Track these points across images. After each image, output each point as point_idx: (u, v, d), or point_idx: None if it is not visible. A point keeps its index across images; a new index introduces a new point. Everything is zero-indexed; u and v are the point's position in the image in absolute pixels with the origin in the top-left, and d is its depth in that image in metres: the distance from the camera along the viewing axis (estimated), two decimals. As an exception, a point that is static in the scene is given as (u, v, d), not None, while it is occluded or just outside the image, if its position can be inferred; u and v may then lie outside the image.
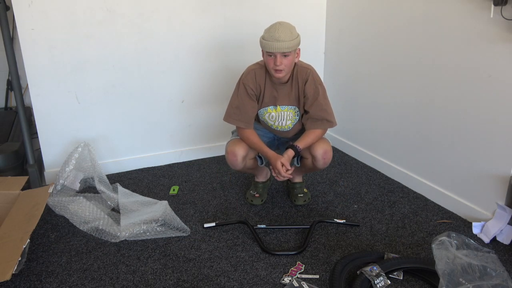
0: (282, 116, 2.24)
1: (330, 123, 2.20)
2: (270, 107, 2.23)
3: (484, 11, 1.98)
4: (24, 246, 1.69)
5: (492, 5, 1.91)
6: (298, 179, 2.49)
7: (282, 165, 2.09)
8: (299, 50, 2.14)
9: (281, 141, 2.43)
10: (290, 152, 2.14)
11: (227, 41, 2.89)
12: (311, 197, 2.48)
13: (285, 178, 2.14)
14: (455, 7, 2.13)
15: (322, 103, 2.16)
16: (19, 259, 1.64)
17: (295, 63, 2.15)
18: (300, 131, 2.33)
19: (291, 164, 2.21)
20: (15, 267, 1.59)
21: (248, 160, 2.24)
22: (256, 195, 2.43)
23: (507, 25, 1.89)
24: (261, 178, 2.49)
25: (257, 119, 2.33)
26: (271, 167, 2.15)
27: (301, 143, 2.15)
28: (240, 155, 2.18)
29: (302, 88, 2.16)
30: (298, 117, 2.26)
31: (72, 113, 2.64)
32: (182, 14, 2.73)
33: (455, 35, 2.15)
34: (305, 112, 2.22)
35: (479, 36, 2.03)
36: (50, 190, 2.11)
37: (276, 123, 2.27)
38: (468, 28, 2.08)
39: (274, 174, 2.15)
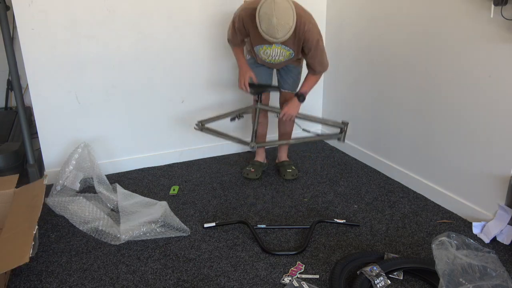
0: (275, 53, 2.41)
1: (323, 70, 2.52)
2: (265, 45, 2.39)
3: (484, 11, 1.98)
4: (34, 232, 1.72)
5: (492, 5, 1.91)
6: (284, 158, 2.84)
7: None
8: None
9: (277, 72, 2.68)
10: (295, 105, 2.48)
11: (227, 41, 2.89)
12: (298, 173, 2.76)
13: (244, 90, 2.45)
14: (455, 7, 2.13)
15: (318, 55, 2.40)
16: (33, 243, 1.67)
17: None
18: (290, 61, 2.54)
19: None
20: (31, 250, 1.62)
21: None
22: (252, 170, 2.71)
23: (507, 25, 1.89)
24: (259, 158, 2.81)
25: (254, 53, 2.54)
26: (241, 79, 2.46)
27: (303, 88, 2.50)
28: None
29: (303, 41, 2.32)
30: (291, 57, 2.45)
31: (72, 113, 2.64)
32: (182, 14, 2.73)
33: (455, 35, 2.15)
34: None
35: (479, 36, 2.03)
36: (46, 182, 2.11)
37: (270, 58, 2.46)
38: (468, 28, 2.08)
39: (239, 83, 2.47)
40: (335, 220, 2.20)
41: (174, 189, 2.59)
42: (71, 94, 2.61)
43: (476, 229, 2.12)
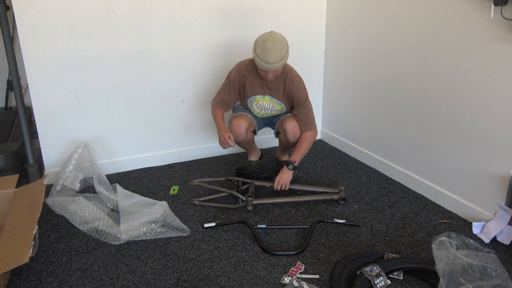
0: (268, 106, 2.51)
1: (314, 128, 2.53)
2: (259, 96, 2.48)
3: (484, 11, 1.98)
4: (34, 232, 1.72)
5: (492, 5, 1.91)
6: (285, 158, 2.80)
7: (228, 137, 2.40)
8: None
9: (267, 123, 2.72)
10: (287, 173, 2.45)
11: (227, 41, 2.89)
12: (298, 173, 2.76)
13: (227, 147, 2.42)
14: (455, 7, 2.13)
15: (308, 111, 2.47)
16: (33, 243, 1.67)
17: (286, 69, 2.42)
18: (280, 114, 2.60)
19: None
20: (31, 250, 1.62)
21: (248, 133, 2.55)
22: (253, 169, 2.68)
23: (507, 25, 1.89)
24: (254, 157, 2.80)
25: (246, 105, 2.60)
26: (221, 138, 2.44)
27: (294, 157, 2.46)
28: (243, 127, 2.49)
29: (292, 95, 2.43)
30: (283, 112, 2.56)
31: (72, 113, 2.64)
32: (182, 14, 2.73)
33: (455, 35, 2.15)
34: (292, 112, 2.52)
35: (479, 36, 2.03)
36: (46, 182, 2.11)
37: (262, 112, 2.55)
38: (468, 28, 2.08)
39: (220, 142, 2.45)
40: (335, 220, 2.20)
41: (174, 189, 2.59)
42: (71, 94, 2.61)
43: (476, 229, 2.12)
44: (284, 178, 2.44)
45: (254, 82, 2.44)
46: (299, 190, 2.50)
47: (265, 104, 2.50)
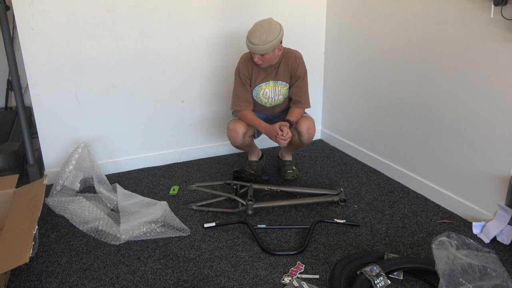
0: (275, 92, 2.51)
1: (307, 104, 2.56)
2: (264, 83, 2.49)
3: (484, 11, 1.98)
4: (34, 232, 1.72)
5: (492, 5, 1.91)
6: (288, 157, 2.78)
7: (280, 129, 2.36)
8: (281, 45, 2.37)
9: (272, 123, 2.57)
10: (285, 122, 2.42)
11: (227, 41, 2.89)
12: (299, 173, 2.76)
13: (287, 140, 2.37)
14: (455, 7, 2.13)
15: (305, 86, 2.52)
16: (33, 243, 1.67)
17: (283, 49, 2.44)
18: (287, 108, 2.62)
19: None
20: (31, 250, 1.62)
21: (246, 138, 2.56)
22: (251, 172, 2.66)
23: (507, 25, 1.89)
24: (254, 157, 2.79)
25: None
26: (273, 134, 2.39)
27: (292, 118, 2.47)
28: (240, 132, 2.49)
29: (294, 69, 2.46)
30: (288, 93, 2.55)
31: (72, 113, 2.65)
32: (182, 14, 2.73)
33: (455, 35, 2.15)
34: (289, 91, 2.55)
35: (479, 36, 2.03)
36: (46, 182, 2.11)
37: (270, 100, 2.53)
38: (468, 28, 2.08)
39: (275, 140, 2.39)
40: (335, 220, 2.20)
41: (174, 189, 2.59)
42: (71, 94, 2.61)
43: (476, 229, 2.12)
44: (285, 131, 2.36)
45: (258, 70, 2.46)
46: (298, 193, 2.49)
47: (269, 91, 2.50)
